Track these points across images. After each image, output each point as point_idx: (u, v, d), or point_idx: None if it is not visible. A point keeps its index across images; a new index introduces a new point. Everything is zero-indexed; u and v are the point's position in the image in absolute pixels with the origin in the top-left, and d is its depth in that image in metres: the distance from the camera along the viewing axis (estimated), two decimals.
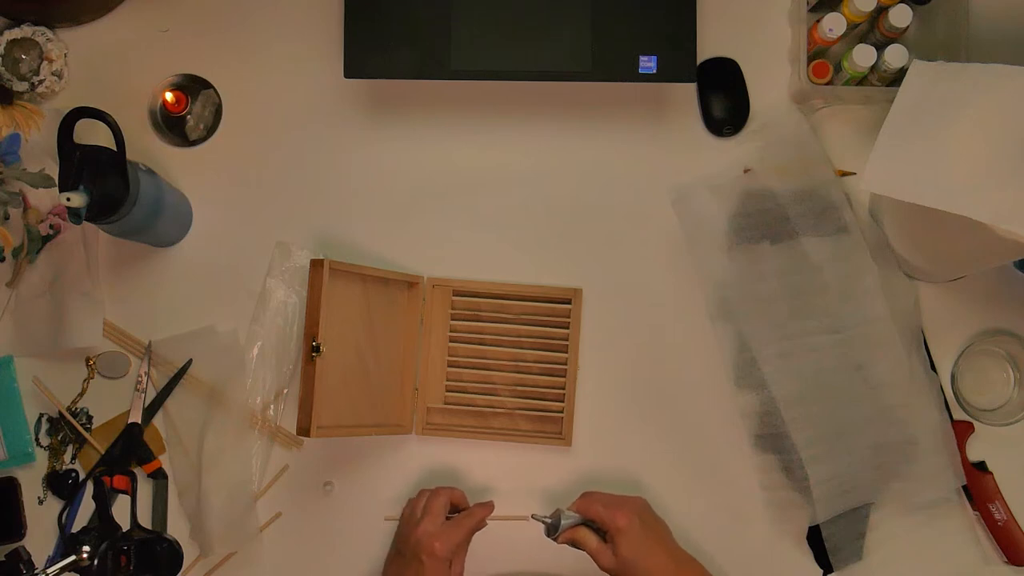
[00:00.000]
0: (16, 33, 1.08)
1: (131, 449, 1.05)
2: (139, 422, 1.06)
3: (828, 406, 1.01)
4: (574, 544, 0.94)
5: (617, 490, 0.96)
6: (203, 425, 1.05)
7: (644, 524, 0.92)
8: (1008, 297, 1.06)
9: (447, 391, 1.07)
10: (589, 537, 0.93)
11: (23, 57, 1.08)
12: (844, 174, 1.07)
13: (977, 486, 1.04)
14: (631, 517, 0.91)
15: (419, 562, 0.91)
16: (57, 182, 0.92)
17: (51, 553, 1.05)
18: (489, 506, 0.98)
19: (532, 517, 0.96)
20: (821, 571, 1.04)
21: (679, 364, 1.06)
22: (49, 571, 0.85)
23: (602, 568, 0.92)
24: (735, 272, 1.03)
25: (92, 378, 1.08)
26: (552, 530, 0.94)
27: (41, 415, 1.08)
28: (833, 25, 1.01)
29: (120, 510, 0.95)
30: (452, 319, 1.07)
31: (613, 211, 1.08)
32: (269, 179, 1.10)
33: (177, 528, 1.05)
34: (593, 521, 0.93)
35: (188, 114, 1.10)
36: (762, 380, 1.01)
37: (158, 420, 1.07)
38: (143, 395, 1.06)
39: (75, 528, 0.97)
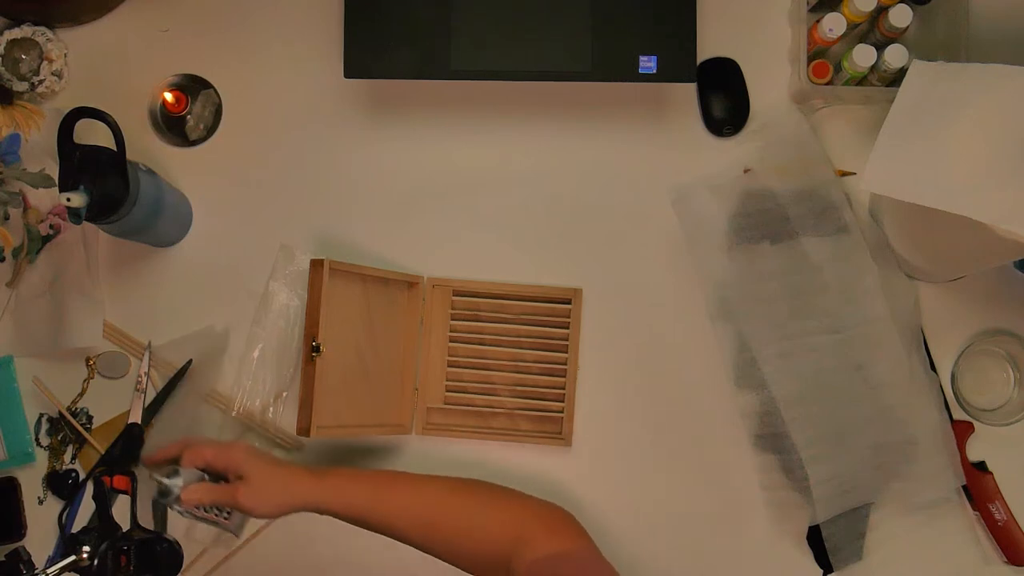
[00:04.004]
0: (16, 33, 1.08)
1: (131, 449, 1.05)
2: (139, 422, 1.06)
3: (828, 406, 1.01)
4: (200, 506, 0.88)
5: (619, 493, 0.96)
6: (201, 425, 1.05)
7: (257, 451, 0.89)
8: (1008, 297, 1.06)
9: (447, 391, 1.07)
10: (214, 488, 0.87)
11: (23, 57, 1.09)
12: (844, 174, 1.07)
13: (977, 486, 1.04)
14: (244, 446, 0.89)
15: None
16: (57, 182, 0.92)
17: (51, 553, 1.05)
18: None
19: (152, 477, 0.87)
20: (821, 571, 1.04)
21: (679, 364, 1.06)
22: (49, 571, 0.85)
23: (243, 508, 0.86)
24: (735, 272, 1.03)
25: (92, 378, 1.08)
26: (166, 495, 0.86)
27: (41, 415, 1.08)
28: (833, 25, 1.01)
29: (120, 510, 0.95)
30: (452, 319, 1.07)
31: (613, 211, 1.08)
32: (269, 179, 1.10)
33: (177, 528, 1.05)
34: (207, 468, 0.88)
35: (188, 114, 1.10)
36: (762, 380, 1.01)
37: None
38: (143, 395, 1.06)
39: (75, 528, 0.97)
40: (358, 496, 0.88)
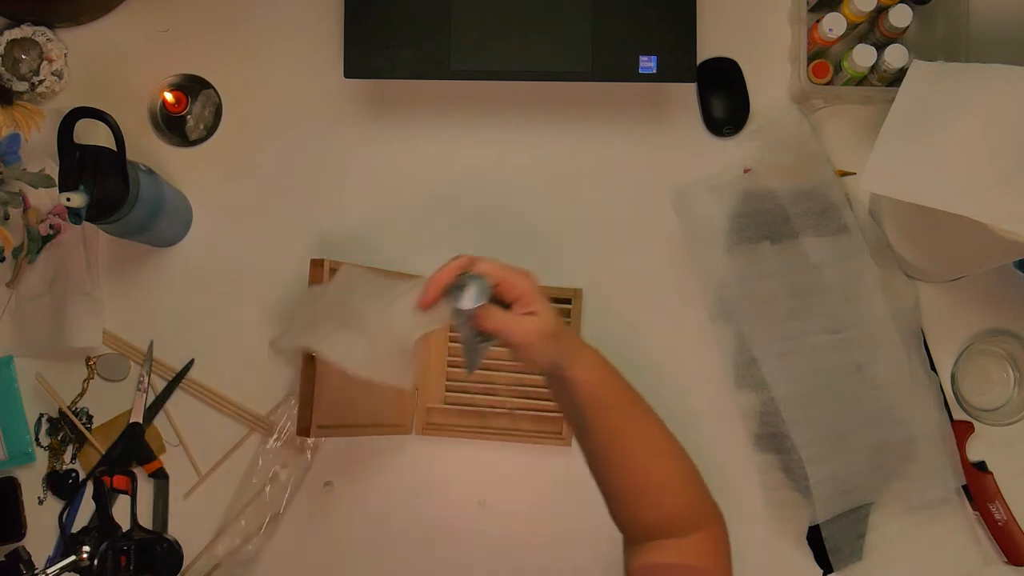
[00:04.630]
0: (16, 33, 1.08)
1: (132, 449, 1.05)
2: (140, 422, 1.06)
3: (828, 406, 1.01)
4: (479, 335, 0.76)
5: None
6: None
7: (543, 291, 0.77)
8: (1008, 297, 1.06)
9: (447, 391, 1.07)
10: (512, 318, 0.74)
11: (23, 57, 1.09)
12: (844, 174, 1.07)
13: (977, 486, 1.03)
14: (534, 279, 0.76)
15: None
16: (57, 182, 0.92)
17: (51, 553, 1.05)
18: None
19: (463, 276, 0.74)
20: (821, 571, 1.04)
21: (679, 364, 1.06)
22: (49, 571, 0.85)
23: (527, 345, 0.74)
24: (735, 272, 1.03)
25: (92, 378, 1.08)
26: (457, 296, 0.73)
27: (41, 415, 1.08)
28: (833, 25, 1.01)
29: (120, 510, 0.95)
30: None
31: (613, 211, 1.08)
32: (269, 179, 1.10)
33: (177, 528, 1.05)
34: (495, 286, 0.74)
35: (188, 114, 1.10)
36: (762, 380, 1.01)
37: (159, 420, 1.07)
38: (145, 395, 1.06)
39: (75, 528, 0.97)
40: (612, 393, 0.79)
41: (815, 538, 1.03)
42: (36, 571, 0.86)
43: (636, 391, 0.81)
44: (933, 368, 1.05)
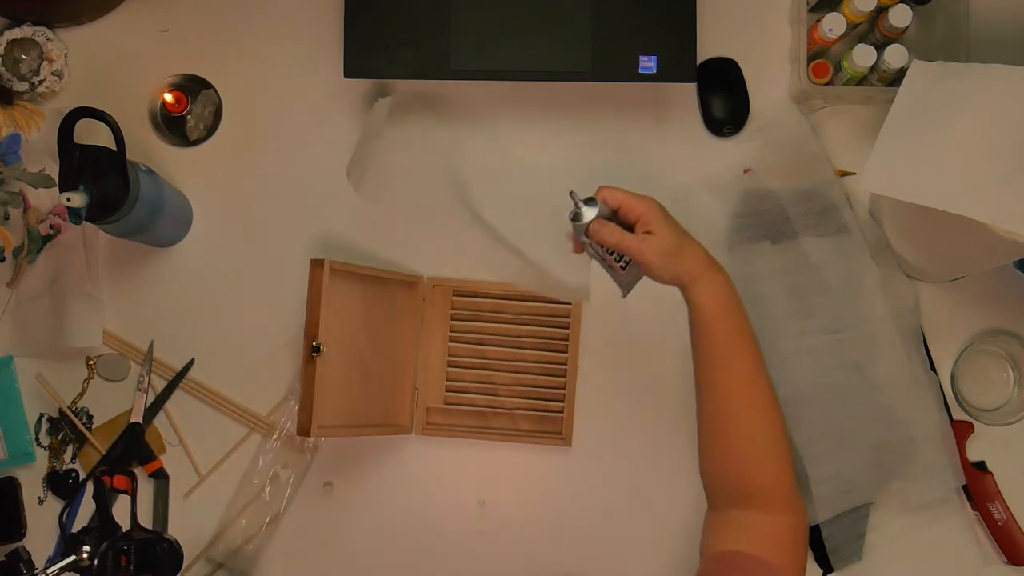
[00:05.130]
0: (16, 33, 1.08)
1: (132, 449, 1.05)
2: (140, 422, 1.06)
3: (828, 406, 1.01)
4: (604, 248, 0.85)
5: (619, 493, 0.96)
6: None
7: (667, 214, 0.84)
8: (1008, 297, 1.06)
9: (447, 391, 1.07)
10: (623, 233, 0.82)
11: (23, 57, 1.09)
12: (844, 174, 1.07)
13: (977, 486, 1.03)
14: (657, 204, 0.84)
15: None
16: (57, 182, 0.92)
17: (51, 553, 1.05)
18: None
19: (571, 196, 0.85)
20: (821, 571, 1.04)
21: (679, 364, 1.05)
22: (49, 571, 0.85)
23: (643, 261, 0.82)
24: (735, 272, 1.02)
25: (92, 378, 1.08)
26: (577, 219, 0.85)
27: (41, 415, 1.08)
28: (833, 25, 1.01)
29: (120, 510, 0.95)
30: (452, 319, 1.07)
31: None
32: (269, 179, 1.10)
33: (177, 528, 1.05)
34: (620, 213, 0.84)
35: (188, 114, 1.10)
36: None
37: (159, 420, 1.07)
38: (145, 395, 1.06)
39: (75, 528, 0.97)
40: (724, 324, 0.81)
41: (815, 538, 1.03)
42: (36, 571, 0.86)
43: (754, 338, 0.82)
44: (933, 368, 1.04)
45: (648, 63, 1.01)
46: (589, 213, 0.84)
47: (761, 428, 0.80)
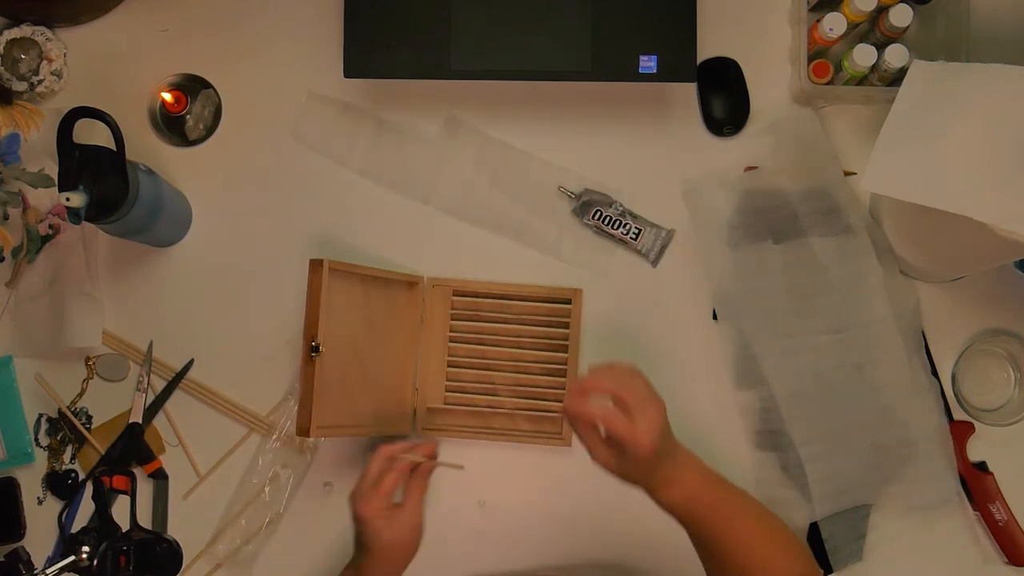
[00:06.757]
0: (16, 33, 1.08)
1: (132, 449, 1.05)
2: (140, 422, 1.06)
3: (828, 405, 1.01)
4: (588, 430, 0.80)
5: (618, 493, 0.95)
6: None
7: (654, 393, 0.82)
8: (1008, 297, 1.06)
9: (447, 391, 1.07)
10: (621, 422, 0.78)
11: (23, 57, 1.08)
12: (846, 174, 1.06)
13: (977, 486, 1.03)
14: (645, 382, 0.82)
15: (357, 529, 0.91)
16: (57, 182, 0.92)
17: (51, 553, 1.05)
18: (422, 449, 0.94)
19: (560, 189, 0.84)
20: (821, 571, 1.04)
21: (679, 363, 1.06)
22: (49, 571, 0.85)
23: (637, 447, 0.78)
24: (740, 268, 1.03)
25: (91, 378, 1.08)
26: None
27: (40, 415, 1.08)
28: (833, 25, 1.01)
29: (120, 510, 0.95)
30: (452, 319, 1.07)
31: None
32: (269, 179, 1.09)
33: (177, 528, 1.05)
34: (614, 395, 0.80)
35: (188, 114, 1.10)
36: (762, 377, 1.01)
37: (158, 420, 1.07)
38: (144, 395, 1.06)
39: (75, 528, 0.97)
40: (705, 521, 0.84)
41: (815, 538, 1.03)
42: (36, 571, 0.86)
43: (739, 494, 0.87)
44: (934, 372, 1.04)
45: (648, 63, 1.01)
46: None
47: (768, 552, 0.84)
